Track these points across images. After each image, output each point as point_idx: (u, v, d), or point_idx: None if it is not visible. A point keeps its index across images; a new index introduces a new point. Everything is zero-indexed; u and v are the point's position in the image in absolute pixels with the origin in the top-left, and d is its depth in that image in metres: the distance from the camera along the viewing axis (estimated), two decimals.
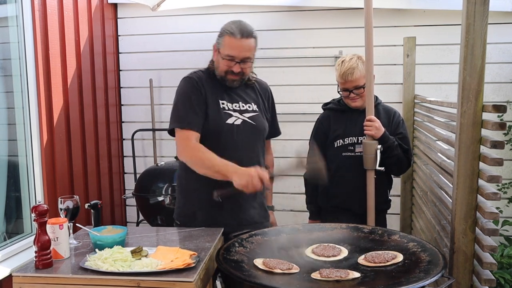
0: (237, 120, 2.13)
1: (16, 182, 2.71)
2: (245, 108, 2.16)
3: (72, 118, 2.99)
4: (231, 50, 2.05)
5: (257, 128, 2.17)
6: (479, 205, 1.68)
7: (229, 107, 2.13)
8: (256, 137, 2.18)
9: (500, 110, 1.61)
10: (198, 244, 1.85)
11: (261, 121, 2.20)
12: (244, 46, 2.05)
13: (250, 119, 2.15)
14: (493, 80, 3.27)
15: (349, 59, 2.40)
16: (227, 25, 2.08)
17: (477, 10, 1.58)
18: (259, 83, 2.29)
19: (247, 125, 2.14)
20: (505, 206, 3.27)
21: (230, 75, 2.10)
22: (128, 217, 3.79)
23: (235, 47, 2.04)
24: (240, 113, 2.14)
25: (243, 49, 2.05)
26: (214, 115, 2.10)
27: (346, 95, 2.45)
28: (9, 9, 2.65)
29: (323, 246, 1.79)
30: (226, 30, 2.06)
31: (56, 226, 1.71)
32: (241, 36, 2.03)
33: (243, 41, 2.04)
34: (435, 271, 1.48)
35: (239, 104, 2.16)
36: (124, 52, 3.66)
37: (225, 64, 2.08)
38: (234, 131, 2.11)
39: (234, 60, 2.06)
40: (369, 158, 2.29)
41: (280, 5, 3.42)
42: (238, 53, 2.05)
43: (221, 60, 2.08)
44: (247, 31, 2.05)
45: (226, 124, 2.10)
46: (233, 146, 2.10)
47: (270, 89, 2.33)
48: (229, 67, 2.08)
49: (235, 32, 2.03)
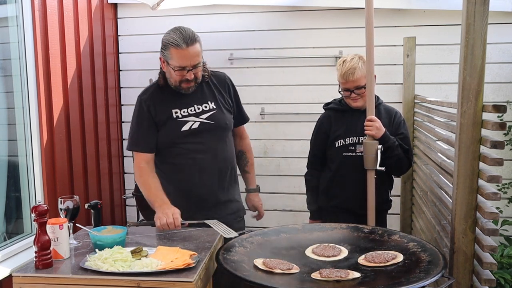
0: (194, 124, 2.19)
1: (16, 182, 2.71)
2: (201, 109, 2.21)
3: (72, 118, 2.98)
4: (181, 61, 2.08)
5: (217, 126, 2.22)
6: (479, 205, 1.68)
7: (184, 113, 2.19)
8: (218, 134, 2.23)
9: (500, 110, 1.60)
10: (198, 244, 1.86)
11: (221, 117, 2.23)
12: (191, 54, 2.08)
13: (208, 119, 2.20)
14: (493, 80, 3.27)
15: (350, 59, 2.40)
16: (169, 37, 2.09)
17: (477, 10, 1.58)
18: (216, 76, 2.31)
19: (205, 126, 2.20)
20: (505, 206, 3.27)
21: (185, 83, 2.15)
22: (128, 217, 3.79)
23: (184, 57, 2.08)
24: (196, 116, 2.20)
25: (192, 57, 2.09)
26: (168, 127, 2.18)
27: (347, 95, 2.45)
28: (9, 9, 2.64)
29: (323, 246, 1.79)
30: (170, 42, 2.07)
31: (56, 226, 1.72)
32: (186, 45, 2.06)
33: (190, 49, 2.07)
34: (435, 271, 1.48)
35: (194, 107, 2.20)
36: (124, 52, 3.65)
37: (178, 75, 2.12)
38: (193, 135, 2.18)
39: (185, 69, 2.10)
40: (369, 158, 2.29)
41: (280, 5, 3.42)
42: (188, 62, 2.09)
43: (173, 72, 2.12)
44: (191, 38, 2.07)
45: (181, 132, 2.18)
46: (196, 150, 2.18)
47: (229, 79, 2.34)
48: (182, 77, 2.12)
49: (180, 43, 2.05)
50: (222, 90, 2.29)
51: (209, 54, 3.65)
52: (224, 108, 2.26)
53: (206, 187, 2.21)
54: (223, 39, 3.50)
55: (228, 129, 2.28)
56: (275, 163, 3.53)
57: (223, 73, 2.35)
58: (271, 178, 3.54)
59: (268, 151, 3.53)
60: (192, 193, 2.20)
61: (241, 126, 2.43)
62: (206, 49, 3.53)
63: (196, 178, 2.20)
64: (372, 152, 2.28)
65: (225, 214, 2.24)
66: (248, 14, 3.46)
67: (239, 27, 3.46)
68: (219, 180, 2.24)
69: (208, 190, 2.21)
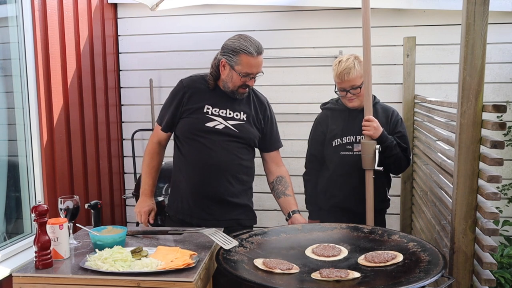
0: (219, 125, 2.21)
1: (16, 182, 2.71)
2: (232, 115, 2.23)
3: (72, 118, 2.98)
4: (250, 68, 2.14)
5: (239, 136, 2.23)
6: (479, 205, 1.68)
7: (214, 112, 2.22)
8: (237, 144, 2.23)
9: (500, 110, 1.60)
10: (198, 244, 1.86)
11: (246, 130, 2.25)
12: (260, 63, 2.15)
13: (234, 126, 2.22)
14: (493, 80, 3.27)
15: (346, 59, 2.41)
16: (240, 44, 2.13)
17: (477, 10, 1.58)
18: (258, 97, 2.35)
19: (229, 131, 2.21)
20: (505, 206, 3.27)
21: (242, 89, 2.20)
22: (128, 217, 3.79)
23: (253, 65, 2.13)
24: (225, 119, 2.22)
25: (259, 66, 2.16)
26: (195, 117, 2.21)
27: (343, 95, 2.45)
28: (9, 9, 2.64)
29: (323, 246, 1.79)
30: (243, 49, 2.12)
31: (56, 226, 1.72)
32: (257, 54, 2.12)
33: (259, 58, 2.14)
34: (435, 271, 1.48)
35: (226, 111, 2.23)
36: (124, 52, 3.66)
37: (242, 81, 2.16)
38: (213, 134, 2.19)
39: (250, 76, 2.16)
40: (367, 158, 2.29)
41: (280, 5, 3.42)
42: (255, 70, 2.15)
43: (236, 77, 2.15)
44: (260, 48, 2.15)
45: (205, 127, 2.19)
46: (209, 149, 2.19)
47: (268, 103, 2.37)
48: (244, 82, 2.17)
49: (252, 52, 2.11)
50: (260, 110, 2.31)
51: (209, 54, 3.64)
52: (253, 124, 2.28)
53: (212, 186, 2.20)
54: (223, 39, 3.48)
55: (249, 143, 2.28)
56: None
57: (265, 97, 2.39)
58: None
59: None
60: (199, 188, 2.22)
61: (276, 153, 2.40)
62: (206, 49, 3.57)
63: (204, 174, 2.20)
64: (370, 152, 2.28)
65: (233, 213, 2.25)
66: (248, 14, 3.46)
67: (238, 27, 3.46)
68: (227, 181, 2.21)
69: (213, 189, 2.21)
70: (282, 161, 2.44)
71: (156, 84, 3.60)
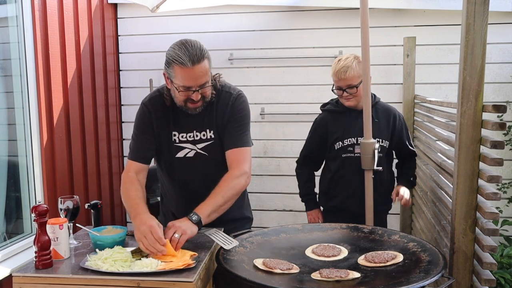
0: (189, 152, 2.01)
1: (16, 182, 2.71)
2: (199, 137, 2.01)
3: (72, 118, 2.98)
4: (186, 81, 1.84)
5: (210, 158, 2.01)
6: (479, 205, 1.68)
7: (182, 138, 2.01)
8: (210, 165, 2.02)
9: (500, 110, 1.61)
10: (198, 244, 1.85)
11: (216, 150, 2.01)
12: (197, 74, 1.82)
13: (203, 149, 2.01)
14: (493, 80, 3.27)
15: (345, 58, 2.41)
16: (173, 53, 1.83)
17: (477, 10, 1.59)
18: (221, 97, 2.01)
19: (200, 156, 2.01)
20: (505, 206, 3.27)
21: (190, 104, 1.91)
22: (128, 217, 3.79)
23: (189, 77, 1.83)
24: (194, 144, 2.01)
25: (198, 77, 1.83)
26: (165, 148, 2.02)
27: (339, 94, 2.45)
28: (9, 9, 2.64)
29: (323, 246, 1.79)
30: (175, 59, 1.81)
31: (56, 226, 1.71)
32: (192, 63, 1.79)
33: (196, 68, 1.81)
34: (435, 271, 1.48)
35: (193, 134, 2.00)
36: (124, 52, 3.66)
37: (183, 95, 1.88)
38: (186, 164, 2.02)
39: (190, 90, 1.86)
40: (366, 158, 2.29)
41: (280, 5, 3.42)
42: (193, 82, 1.84)
43: (177, 91, 1.88)
44: (198, 55, 1.81)
45: (176, 159, 2.01)
46: (186, 179, 2.02)
47: (234, 98, 2.01)
48: (187, 97, 1.89)
49: (184, 62, 1.79)
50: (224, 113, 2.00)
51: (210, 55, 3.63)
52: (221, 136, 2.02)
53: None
54: (223, 39, 3.50)
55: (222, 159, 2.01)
56: (275, 163, 3.53)
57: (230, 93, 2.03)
58: (271, 178, 3.54)
59: (268, 151, 3.54)
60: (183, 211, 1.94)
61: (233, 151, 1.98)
62: None
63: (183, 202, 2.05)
64: (369, 152, 2.28)
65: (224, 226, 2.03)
66: (248, 14, 3.46)
67: (239, 27, 3.46)
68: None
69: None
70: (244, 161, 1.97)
71: (156, 84, 3.60)
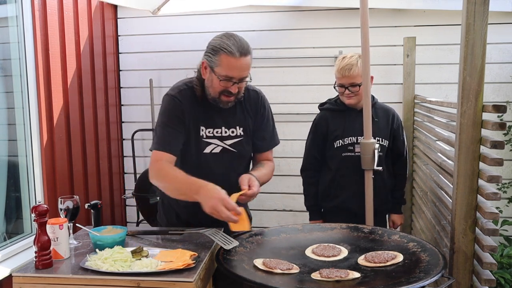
0: (216, 148, 2.01)
1: (16, 182, 2.71)
2: (227, 134, 2.03)
3: (72, 118, 2.99)
4: (230, 71, 1.87)
5: (238, 155, 2.05)
6: (479, 205, 1.68)
7: (209, 134, 2.01)
8: (236, 163, 2.06)
9: (500, 110, 1.61)
10: (198, 244, 1.85)
11: (244, 148, 2.07)
12: (243, 66, 1.88)
13: (231, 146, 2.03)
14: (493, 80, 3.27)
15: (350, 56, 2.43)
16: (222, 42, 1.87)
17: (477, 10, 1.58)
18: (250, 96, 2.09)
19: (227, 152, 2.03)
20: (505, 206, 3.27)
21: (225, 96, 1.94)
22: (128, 217, 3.79)
23: (235, 67, 1.87)
24: (221, 140, 2.02)
25: (243, 69, 1.89)
26: (192, 143, 2.00)
27: (341, 91, 2.46)
28: (9, 9, 2.65)
29: (323, 246, 1.79)
30: (223, 48, 1.86)
31: (56, 226, 1.71)
32: (239, 54, 1.85)
33: (242, 60, 1.86)
34: (435, 271, 1.48)
35: (221, 130, 2.02)
36: (124, 52, 3.66)
37: (222, 85, 1.90)
38: (212, 160, 2.01)
39: (231, 81, 1.90)
40: (367, 158, 2.29)
41: (280, 5, 3.42)
42: (237, 73, 1.89)
43: (216, 80, 1.90)
44: (246, 49, 1.87)
45: (203, 154, 2.00)
46: (209, 175, 1.96)
47: (262, 98, 2.11)
48: (225, 88, 1.91)
49: (233, 51, 1.84)
50: (256, 111, 2.08)
51: None
52: (250, 135, 2.09)
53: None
54: None
55: (248, 156, 2.12)
56: (275, 163, 3.52)
57: (258, 90, 2.11)
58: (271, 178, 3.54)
59: None
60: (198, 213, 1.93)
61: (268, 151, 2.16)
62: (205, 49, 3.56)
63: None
64: (369, 152, 2.28)
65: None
66: (249, 14, 3.46)
67: (239, 27, 3.46)
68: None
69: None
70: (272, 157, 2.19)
71: (156, 84, 3.60)
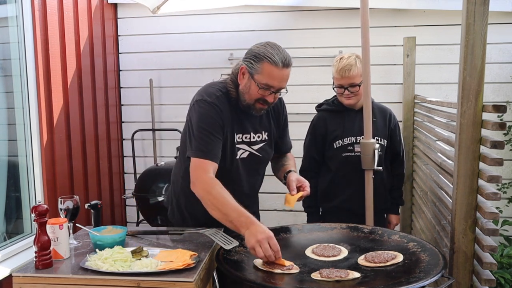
0: (244, 153, 2.04)
1: (16, 182, 2.71)
2: (254, 139, 2.06)
3: (72, 118, 2.99)
4: (271, 80, 1.88)
5: (262, 159, 2.10)
6: (479, 205, 1.68)
7: (238, 139, 2.02)
8: (259, 166, 2.12)
9: (500, 110, 1.61)
10: (198, 244, 1.85)
11: (267, 151, 2.11)
12: (284, 77, 1.90)
13: (257, 151, 2.07)
14: (493, 80, 3.27)
15: (347, 56, 2.42)
16: (266, 50, 1.88)
17: (477, 10, 1.59)
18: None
19: (253, 157, 2.06)
20: (505, 206, 3.27)
21: (260, 104, 1.94)
22: (128, 217, 3.79)
23: (276, 77, 1.88)
24: (249, 145, 2.05)
25: (283, 80, 1.90)
26: (228, 149, 1.99)
27: (340, 92, 2.45)
28: (9, 9, 2.65)
29: (323, 246, 1.79)
30: (267, 56, 1.86)
31: (56, 226, 1.71)
32: (282, 65, 1.87)
33: (284, 70, 1.88)
34: (435, 271, 1.48)
35: (250, 136, 2.04)
36: (124, 52, 3.66)
37: (260, 93, 1.90)
38: (240, 165, 2.04)
39: (270, 90, 1.90)
40: (367, 158, 2.30)
41: (280, 5, 3.42)
42: (278, 83, 1.89)
43: (254, 87, 1.90)
44: (288, 60, 1.89)
45: (235, 160, 2.02)
46: (235, 178, 2.02)
47: (282, 101, 2.17)
48: (262, 96, 1.91)
49: (277, 61, 1.85)
50: (279, 116, 2.14)
51: (209, 54, 3.63)
52: (273, 140, 2.13)
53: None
54: (223, 39, 3.50)
55: (268, 161, 2.18)
56: None
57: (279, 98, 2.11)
58: (271, 178, 3.51)
59: None
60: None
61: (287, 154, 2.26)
62: (206, 49, 3.57)
63: None
64: (369, 152, 2.28)
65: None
66: (248, 14, 3.46)
67: (239, 27, 3.46)
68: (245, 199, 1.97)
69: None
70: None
71: (156, 84, 3.60)
